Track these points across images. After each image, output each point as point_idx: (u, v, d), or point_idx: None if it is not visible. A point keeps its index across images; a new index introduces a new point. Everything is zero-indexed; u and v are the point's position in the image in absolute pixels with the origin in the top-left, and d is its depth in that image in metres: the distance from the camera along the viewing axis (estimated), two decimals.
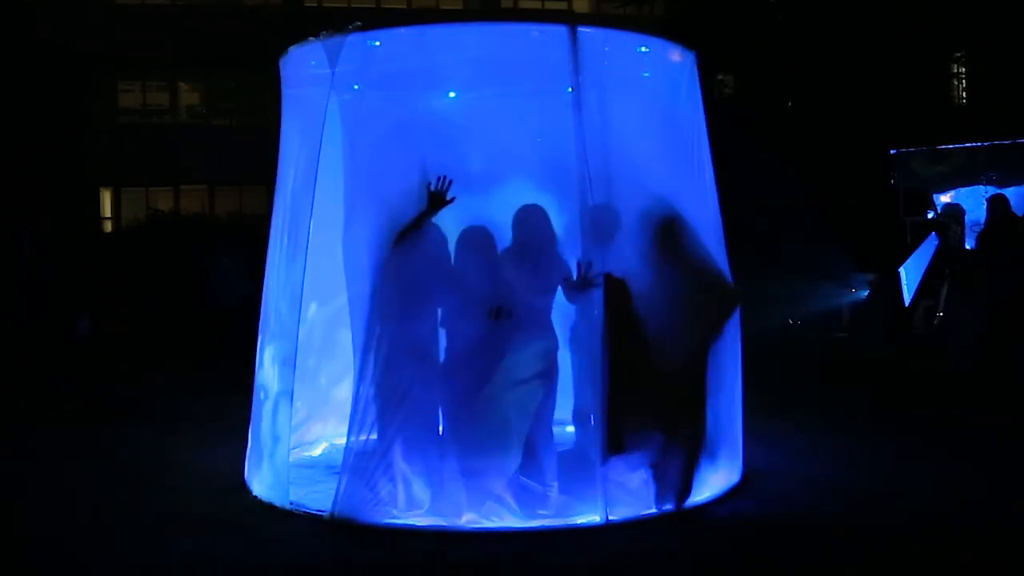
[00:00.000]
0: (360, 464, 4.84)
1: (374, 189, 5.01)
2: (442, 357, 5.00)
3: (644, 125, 5.28)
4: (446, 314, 5.01)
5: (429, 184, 4.82)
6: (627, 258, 5.05)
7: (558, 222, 5.10)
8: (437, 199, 4.83)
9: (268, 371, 5.52)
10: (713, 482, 5.33)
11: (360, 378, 4.87)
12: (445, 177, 4.81)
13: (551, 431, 5.17)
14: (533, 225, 5.05)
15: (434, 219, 4.90)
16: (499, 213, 5.07)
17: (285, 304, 5.35)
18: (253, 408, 5.67)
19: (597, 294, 4.88)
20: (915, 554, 4.48)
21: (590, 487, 4.87)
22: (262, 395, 5.56)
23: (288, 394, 5.24)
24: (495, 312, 4.85)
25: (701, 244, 5.26)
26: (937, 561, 4.39)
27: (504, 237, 5.08)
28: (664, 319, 5.04)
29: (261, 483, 5.44)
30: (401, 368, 4.82)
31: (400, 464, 4.86)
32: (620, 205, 5.06)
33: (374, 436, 4.88)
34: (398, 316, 4.85)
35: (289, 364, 5.23)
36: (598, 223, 4.94)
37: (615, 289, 4.95)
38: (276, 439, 5.32)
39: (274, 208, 5.71)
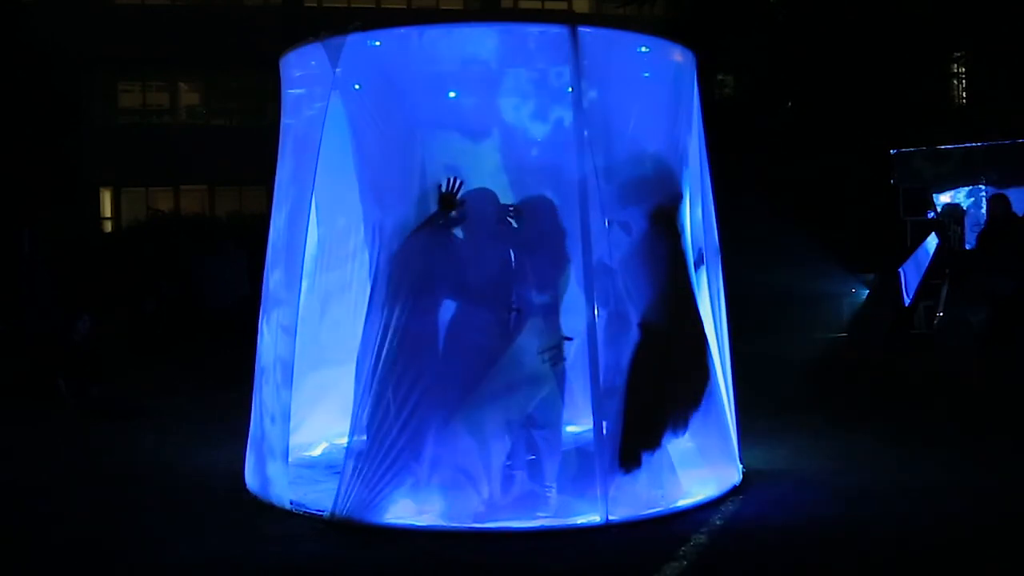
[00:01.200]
0: (361, 463, 4.84)
1: (375, 189, 5.02)
2: (445, 354, 4.98)
3: (644, 125, 5.29)
4: (447, 310, 5.00)
5: (440, 185, 4.81)
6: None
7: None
8: (447, 200, 4.82)
9: (267, 362, 5.51)
10: (712, 482, 5.34)
11: (364, 377, 4.88)
12: (456, 178, 4.81)
13: (556, 433, 5.15)
14: (532, 217, 5.02)
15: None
16: None
17: (284, 301, 5.36)
18: (253, 406, 5.67)
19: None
20: (916, 554, 4.48)
21: (590, 487, 4.88)
22: (261, 384, 5.56)
23: (288, 369, 5.24)
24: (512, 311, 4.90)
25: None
26: (938, 561, 4.39)
27: None
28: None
29: (261, 483, 5.43)
30: (406, 367, 4.82)
31: (402, 464, 4.85)
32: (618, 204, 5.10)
33: (375, 435, 4.88)
34: (404, 314, 4.85)
35: (289, 332, 5.21)
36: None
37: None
38: (273, 421, 5.29)
39: (273, 209, 5.70)
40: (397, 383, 4.80)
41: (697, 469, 5.34)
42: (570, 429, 5.59)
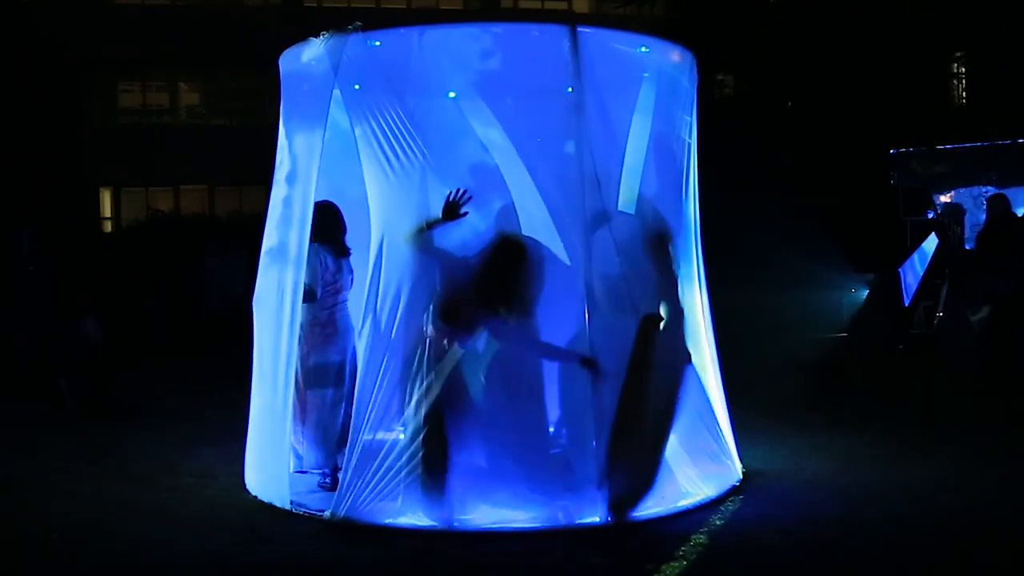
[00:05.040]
0: (361, 464, 4.84)
1: (377, 187, 5.03)
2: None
3: (643, 125, 5.29)
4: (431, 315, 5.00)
5: (449, 194, 4.82)
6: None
7: (559, 222, 5.10)
8: (451, 209, 4.82)
9: (266, 362, 5.51)
10: (712, 482, 5.34)
11: (373, 379, 4.88)
12: (464, 191, 4.81)
13: (538, 435, 5.15)
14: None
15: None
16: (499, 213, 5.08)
17: (286, 299, 5.35)
18: (253, 406, 5.66)
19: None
20: (916, 555, 4.48)
21: (590, 487, 4.87)
22: (260, 384, 5.56)
23: (288, 368, 5.23)
24: None
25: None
26: (938, 562, 4.39)
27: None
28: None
29: (261, 483, 5.43)
30: (405, 367, 4.82)
31: (401, 464, 4.85)
32: (615, 205, 5.11)
33: (377, 435, 4.88)
34: (406, 316, 4.86)
35: (289, 331, 5.23)
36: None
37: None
38: (274, 420, 5.29)
39: (270, 209, 5.69)
40: (401, 383, 4.82)
41: (696, 469, 5.34)
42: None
